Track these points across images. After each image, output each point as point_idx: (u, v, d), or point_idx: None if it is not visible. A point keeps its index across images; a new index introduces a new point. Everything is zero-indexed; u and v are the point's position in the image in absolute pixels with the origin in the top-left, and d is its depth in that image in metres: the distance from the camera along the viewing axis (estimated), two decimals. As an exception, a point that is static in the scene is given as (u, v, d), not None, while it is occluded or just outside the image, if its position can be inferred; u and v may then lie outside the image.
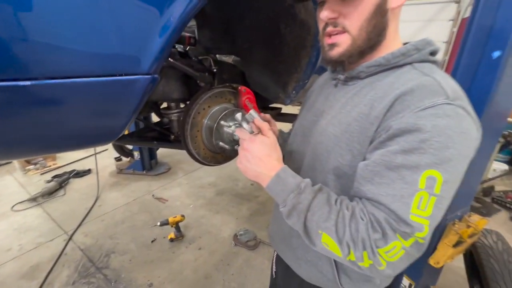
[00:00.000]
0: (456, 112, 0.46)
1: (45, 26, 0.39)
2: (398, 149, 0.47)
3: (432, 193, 0.45)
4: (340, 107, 0.61)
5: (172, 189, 2.94)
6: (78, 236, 2.23)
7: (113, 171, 3.29)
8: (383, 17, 0.54)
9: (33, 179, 3.11)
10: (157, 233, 2.25)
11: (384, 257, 0.47)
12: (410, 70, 0.54)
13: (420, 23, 6.55)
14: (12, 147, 0.46)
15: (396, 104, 0.49)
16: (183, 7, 0.50)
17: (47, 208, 2.58)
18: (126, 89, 0.49)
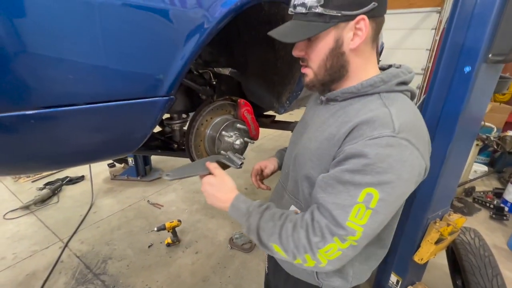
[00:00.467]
0: (398, 143, 0.54)
1: (86, 61, 0.46)
2: (347, 168, 0.56)
3: (368, 207, 0.55)
4: (319, 124, 0.70)
5: (167, 195, 2.97)
6: (74, 243, 2.23)
7: (106, 177, 3.29)
8: (339, 58, 0.62)
9: (24, 187, 3.07)
10: (153, 238, 2.28)
11: (324, 256, 0.58)
12: (376, 99, 0.62)
13: (404, 31, 6.85)
14: (54, 161, 0.52)
15: (354, 131, 0.58)
16: (204, 32, 0.58)
17: (40, 216, 2.56)
18: (146, 110, 0.56)
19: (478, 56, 1.15)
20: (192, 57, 0.59)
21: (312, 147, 0.67)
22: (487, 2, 1.09)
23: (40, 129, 0.48)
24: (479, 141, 2.97)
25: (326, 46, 0.61)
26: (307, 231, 0.59)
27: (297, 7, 0.60)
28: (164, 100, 0.58)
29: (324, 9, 0.56)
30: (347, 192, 0.56)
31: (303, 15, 0.59)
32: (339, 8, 0.56)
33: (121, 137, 0.59)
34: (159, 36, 0.54)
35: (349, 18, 0.58)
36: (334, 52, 0.61)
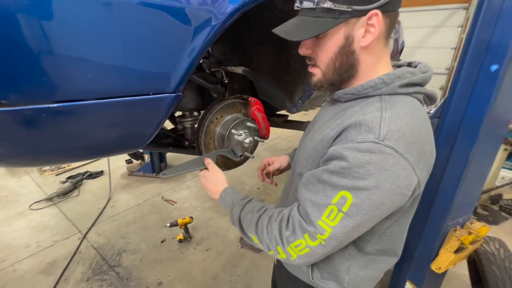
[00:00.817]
0: (381, 150, 0.50)
1: (101, 57, 0.47)
2: (327, 169, 0.55)
3: (340, 210, 0.54)
4: (320, 125, 0.68)
5: (181, 192, 3.03)
6: (92, 235, 2.33)
7: (124, 173, 3.41)
8: (349, 57, 0.58)
9: (49, 180, 3.25)
10: (166, 234, 2.33)
11: (294, 250, 0.59)
12: (376, 102, 0.58)
13: (428, 29, 6.55)
14: (66, 154, 0.55)
15: (342, 134, 0.56)
16: (212, 29, 0.58)
17: (62, 208, 2.70)
18: (155, 106, 0.57)
19: (507, 53, 1.07)
20: (199, 54, 0.60)
21: (309, 147, 0.67)
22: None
23: (59, 122, 0.51)
24: (507, 145, 2.78)
25: (335, 44, 0.57)
26: (280, 224, 0.61)
27: (304, 2, 0.56)
28: (172, 96, 0.59)
29: (334, 4, 0.52)
30: (324, 192, 0.56)
31: (310, 10, 0.56)
32: (350, 3, 0.52)
33: (131, 132, 0.61)
34: (166, 33, 0.55)
35: (361, 13, 0.53)
36: (343, 50, 0.58)
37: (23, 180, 3.25)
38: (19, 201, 2.81)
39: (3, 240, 2.26)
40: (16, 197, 2.88)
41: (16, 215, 2.58)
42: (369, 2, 0.52)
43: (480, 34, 1.15)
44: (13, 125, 0.47)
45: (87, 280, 1.88)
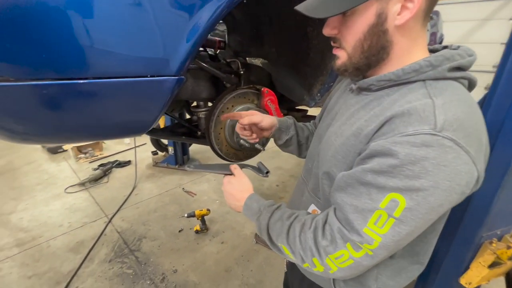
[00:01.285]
0: (439, 143, 0.43)
1: (104, 39, 0.49)
2: (369, 168, 0.48)
3: (391, 215, 0.46)
4: (347, 117, 0.61)
5: (201, 184, 3.10)
6: (116, 220, 2.47)
7: (149, 163, 3.57)
8: (380, 37, 0.51)
9: (83, 166, 3.51)
10: (184, 224, 2.40)
11: (334, 262, 0.51)
12: (419, 88, 0.50)
13: (474, 22, 5.96)
14: (66, 133, 0.57)
15: (385, 126, 0.48)
16: (207, 18, 0.56)
17: (92, 193, 2.90)
18: (157, 88, 0.58)
19: None
20: (201, 38, 0.59)
21: (337, 143, 0.59)
22: None
23: (76, 99, 0.53)
24: None
25: (365, 22, 0.50)
26: (315, 233, 0.54)
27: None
28: (174, 79, 0.58)
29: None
30: (368, 195, 0.48)
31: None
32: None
33: (137, 114, 0.62)
34: (167, 16, 0.54)
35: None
36: (374, 29, 0.50)
37: (62, 165, 3.54)
38: (57, 184, 3.07)
39: (41, 219, 2.48)
40: (55, 180, 3.15)
41: (53, 197, 2.82)
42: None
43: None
44: (28, 100, 0.49)
45: (109, 261, 2.00)
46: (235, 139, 0.96)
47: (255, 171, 0.84)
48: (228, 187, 0.75)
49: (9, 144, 4.07)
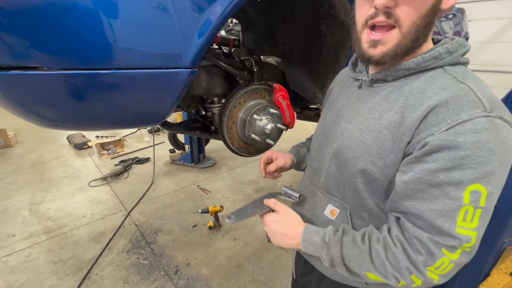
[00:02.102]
0: (494, 123, 0.45)
1: (125, 34, 0.54)
2: (438, 167, 0.47)
3: (477, 206, 0.46)
4: (368, 112, 0.59)
5: (215, 182, 3.16)
6: (134, 213, 2.58)
7: (167, 161, 3.69)
8: (433, 18, 0.50)
9: (105, 162, 3.69)
10: (198, 220, 2.46)
11: (435, 272, 0.50)
12: (442, 74, 0.52)
13: (505, 20, 5.61)
14: (89, 120, 0.63)
15: (430, 116, 0.48)
16: (218, 14, 0.60)
17: (113, 187, 3.04)
18: (172, 79, 0.62)
19: None
20: (214, 32, 0.62)
21: (366, 139, 0.57)
22: None
23: (100, 88, 0.58)
24: None
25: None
26: (405, 250, 0.51)
27: None
28: (187, 71, 0.62)
29: None
30: (446, 195, 0.47)
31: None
32: None
33: (153, 103, 0.67)
34: (181, 13, 0.58)
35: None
36: (435, 8, 0.49)
37: (86, 160, 3.75)
38: (81, 177, 3.25)
39: (67, 209, 2.65)
40: (80, 175, 3.34)
41: (78, 189, 3.00)
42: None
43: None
44: (54, 87, 0.55)
45: (127, 252, 2.09)
46: (247, 133, 0.99)
47: (286, 197, 0.77)
48: (275, 227, 0.66)
49: (40, 139, 4.38)
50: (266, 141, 0.99)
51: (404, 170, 0.52)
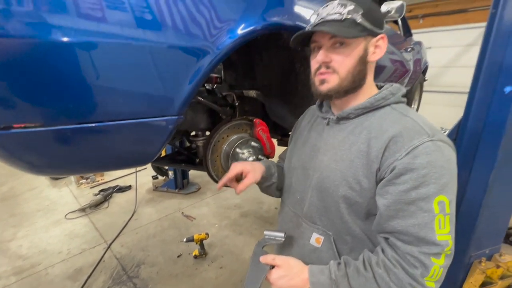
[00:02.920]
0: (438, 145, 0.58)
1: (116, 90, 0.60)
2: (409, 187, 0.57)
3: (445, 214, 0.57)
4: (338, 144, 0.70)
5: (200, 208, 3.12)
6: (116, 246, 2.47)
7: (149, 188, 3.61)
8: (365, 67, 0.67)
9: (84, 192, 3.55)
10: (183, 249, 2.40)
11: (431, 280, 0.58)
12: (390, 111, 0.67)
13: (459, 48, 6.30)
14: (79, 168, 0.66)
15: (391, 145, 0.60)
16: (211, 60, 0.68)
17: (92, 218, 2.92)
18: (159, 127, 0.67)
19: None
20: (199, 82, 0.69)
21: (341, 168, 0.67)
22: (527, 17, 1.00)
23: (84, 139, 0.62)
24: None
25: (358, 53, 0.65)
26: (404, 268, 0.58)
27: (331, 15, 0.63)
28: (174, 119, 0.68)
29: (363, 20, 0.62)
30: (420, 209, 0.57)
31: (337, 22, 0.62)
32: (372, 23, 0.64)
33: (139, 150, 0.71)
34: (171, 66, 0.65)
35: (374, 34, 0.65)
36: (362, 60, 0.66)
37: (63, 191, 3.59)
38: (57, 210, 3.10)
39: (41, 245, 2.49)
40: (55, 206, 3.18)
41: (54, 223, 2.84)
42: (381, 28, 0.66)
43: (492, 56, 1.13)
44: (48, 142, 0.59)
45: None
46: (230, 165, 1.05)
47: (273, 241, 0.76)
48: (282, 283, 0.67)
49: (11, 170, 4.14)
50: (249, 172, 1.05)
51: (382, 194, 0.62)
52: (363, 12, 0.62)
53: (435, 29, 6.56)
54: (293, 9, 0.92)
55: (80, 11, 0.55)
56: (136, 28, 0.60)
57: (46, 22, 0.53)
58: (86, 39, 0.55)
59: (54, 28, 0.53)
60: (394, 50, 2.28)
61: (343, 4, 0.63)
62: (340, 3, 0.63)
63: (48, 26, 0.53)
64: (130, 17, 0.59)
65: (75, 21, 0.54)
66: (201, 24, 0.66)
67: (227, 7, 0.72)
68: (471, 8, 6.03)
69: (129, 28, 0.59)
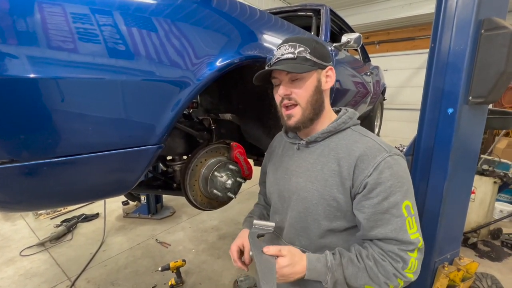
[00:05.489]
0: (396, 159, 0.71)
1: (96, 126, 0.60)
2: (381, 199, 0.68)
3: (411, 215, 0.69)
4: (311, 166, 0.79)
5: (175, 233, 2.99)
6: (81, 283, 2.25)
7: (119, 215, 3.39)
8: (321, 95, 0.78)
9: (43, 224, 3.22)
10: (158, 279, 2.26)
11: (410, 272, 0.70)
12: (351, 132, 0.79)
13: (411, 70, 7.09)
14: (52, 202, 0.64)
15: (359, 163, 0.71)
16: (190, 91, 0.72)
17: (53, 253, 2.64)
18: (139, 156, 0.68)
19: (458, 99, 1.22)
20: (179, 112, 0.73)
21: (317, 187, 0.76)
22: (458, 53, 1.19)
23: (58, 173, 0.61)
24: (496, 178, 2.83)
25: (313, 83, 0.76)
26: (390, 262, 0.69)
27: (285, 55, 0.74)
28: (155, 148, 0.70)
29: (311, 56, 0.74)
30: (393, 216, 0.68)
31: (291, 60, 0.73)
32: (318, 58, 0.75)
33: (118, 179, 0.71)
34: (151, 99, 0.68)
35: (323, 66, 0.77)
36: (318, 89, 0.77)
37: (18, 224, 3.22)
38: (11, 246, 2.76)
39: (-11, 290, 2.19)
40: (8, 243, 2.83)
41: (5, 262, 2.52)
42: (327, 61, 0.78)
43: (435, 82, 1.31)
44: (19, 177, 0.56)
45: (71, 333, 1.78)
46: (209, 190, 1.06)
47: (265, 232, 0.79)
48: (287, 271, 0.70)
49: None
50: (228, 194, 1.07)
51: (360, 209, 0.71)
52: (310, 51, 0.74)
53: (390, 54, 7.35)
54: (264, 43, 1.01)
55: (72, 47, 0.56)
56: (120, 62, 0.63)
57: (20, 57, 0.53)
58: (70, 75, 0.56)
59: (26, 62, 0.53)
60: (356, 74, 2.52)
61: (293, 45, 0.74)
62: (291, 45, 0.75)
63: (21, 60, 0.53)
64: (109, 52, 0.61)
65: (61, 55, 0.56)
66: (184, 58, 0.71)
67: (207, 44, 0.78)
68: (418, 37, 6.88)
69: (113, 63, 0.61)
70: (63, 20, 0.57)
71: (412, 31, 6.92)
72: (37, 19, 0.55)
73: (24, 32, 0.54)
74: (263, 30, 1.07)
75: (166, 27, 0.69)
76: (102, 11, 0.62)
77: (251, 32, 0.98)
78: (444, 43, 1.23)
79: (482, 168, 2.87)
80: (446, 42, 1.23)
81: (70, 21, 0.58)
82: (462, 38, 1.18)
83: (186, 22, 0.74)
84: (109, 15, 0.62)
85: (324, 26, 2.07)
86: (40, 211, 3.39)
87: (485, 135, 4.29)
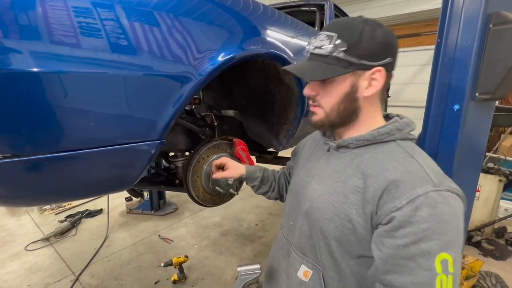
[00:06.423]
0: (444, 196, 0.52)
1: (100, 120, 0.60)
2: (408, 241, 0.51)
3: (448, 273, 0.50)
4: (334, 175, 0.66)
5: (178, 229, 3.01)
6: (85, 277, 2.28)
7: (123, 211, 3.42)
8: (353, 103, 0.63)
9: (48, 219, 3.26)
10: (160, 274, 2.28)
11: None
12: (396, 147, 0.62)
13: (417, 67, 7.01)
14: (56, 197, 0.64)
15: (391, 189, 0.55)
16: (192, 86, 0.71)
17: (58, 248, 2.68)
18: (141, 151, 0.68)
19: (465, 95, 1.19)
20: (182, 107, 0.72)
21: (334, 201, 0.63)
22: (465, 48, 1.17)
23: (61, 168, 0.61)
24: (501, 176, 2.80)
25: (342, 90, 0.62)
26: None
27: (316, 49, 0.61)
28: (157, 143, 0.70)
29: (346, 55, 0.58)
30: (420, 267, 0.51)
31: (322, 57, 0.60)
32: (360, 57, 0.58)
33: (120, 175, 0.71)
34: (153, 94, 0.67)
35: (367, 67, 0.59)
36: (348, 96, 0.62)
37: (23, 219, 3.27)
38: (16, 241, 2.80)
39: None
40: (14, 238, 2.87)
41: (11, 257, 2.56)
42: (375, 60, 0.59)
43: (441, 78, 1.28)
44: (21, 172, 0.57)
45: (76, 327, 1.81)
46: (211, 186, 1.05)
47: (251, 276, 0.75)
48: None
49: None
50: (230, 191, 1.07)
51: (378, 244, 0.56)
52: (348, 47, 0.58)
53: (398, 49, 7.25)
54: (267, 38, 1.00)
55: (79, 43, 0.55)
56: (123, 57, 0.62)
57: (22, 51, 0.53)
58: (72, 69, 0.56)
59: (28, 56, 0.53)
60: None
61: (330, 36, 0.60)
62: (328, 36, 0.60)
63: (23, 55, 0.53)
64: (111, 46, 0.61)
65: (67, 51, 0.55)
66: (186, 53, 0.70)
67: (210, 38, 0.77)
68: (423, 33, 6.79)
69: (115, 57, 0.61)
70: (65, 14, 0.57)
71: (417, 27, 6.82)
72: (39, 13, 0.54)
73: (26, 26, 0.53)
74: (266, 25, 1.05)
75: (168, 21, 0.68)
76: (104, 5, 0.61)
77: (254, 27, 0.97)
78: (451, 38, 1.21)
79: (487, 166, 2.84)
80: (453, 37, 1.20)
81: (72, 15, 0.57)
82: (469, 32, 1.15)
83: (189, 16, 0.73)
84: (111, 9, 0.62)
85: (327, 22, 2.05)
86: (44, 206, 3.43)
87: (490, 133, 4.25)
